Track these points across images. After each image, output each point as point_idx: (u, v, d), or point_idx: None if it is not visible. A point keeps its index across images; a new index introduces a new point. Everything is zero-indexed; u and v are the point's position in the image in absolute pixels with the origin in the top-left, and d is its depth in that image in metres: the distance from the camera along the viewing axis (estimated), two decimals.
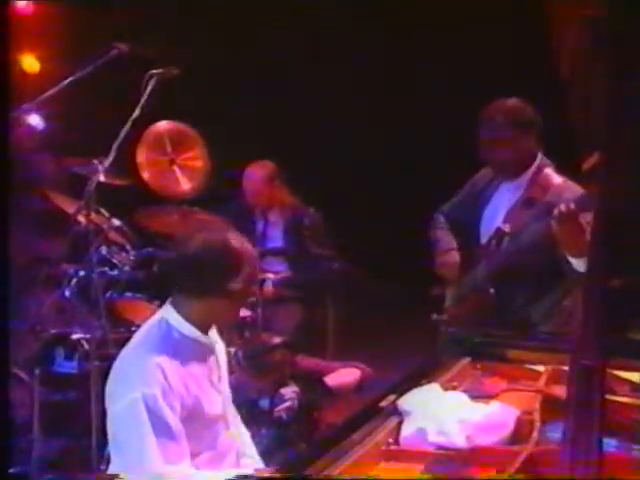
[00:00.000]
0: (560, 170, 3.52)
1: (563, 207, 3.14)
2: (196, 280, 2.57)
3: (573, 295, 3.49)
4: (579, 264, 3.23)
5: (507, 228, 3.52)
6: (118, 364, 2.61)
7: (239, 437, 2.77)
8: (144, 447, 2.43)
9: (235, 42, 6.84)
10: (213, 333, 2.72)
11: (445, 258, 3.78)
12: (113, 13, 6.25)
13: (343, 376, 4.82)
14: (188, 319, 2.58)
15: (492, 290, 3.54)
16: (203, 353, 2.63)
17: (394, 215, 7.17)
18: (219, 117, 6.38)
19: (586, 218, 3.23)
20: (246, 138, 6.58)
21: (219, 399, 2.66)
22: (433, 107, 6.85)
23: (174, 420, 2.45)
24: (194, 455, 2.52)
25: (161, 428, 2.42)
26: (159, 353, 2.50)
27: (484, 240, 3.65)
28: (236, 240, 2.59)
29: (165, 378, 2.46)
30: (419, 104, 6.92)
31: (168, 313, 2.61)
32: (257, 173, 5.26)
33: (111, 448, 2.58)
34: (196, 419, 2.53)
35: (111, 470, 2.58)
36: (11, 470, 3.74)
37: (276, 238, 5.34)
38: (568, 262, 3.27)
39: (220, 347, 2.77)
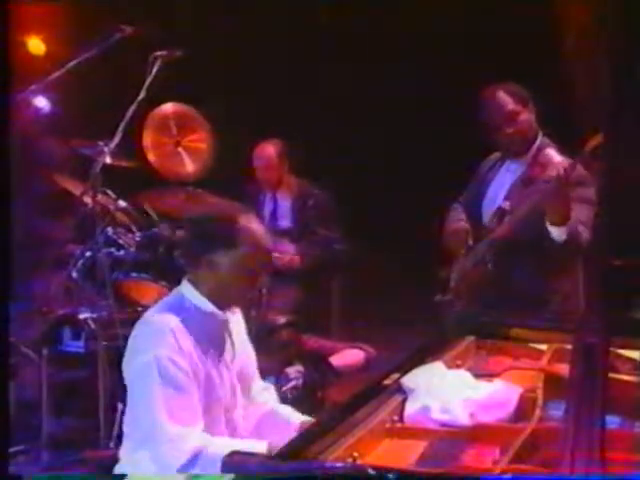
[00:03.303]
0: (562, 151, 3.54)
1: (555, 172, 3.21)
2: (194, 250, 2.62)
3: (571, 276, 3.53)
4: (557, 233, 3.29)
5: (507, 206, 3.57)
6: (134, 332, 2.63)
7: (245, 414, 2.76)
8: (153, 407, 2.46)
9: (238, 23, 6.83)
10: (234, 314, 2.73)
11: (452, 227, 3.81)
12: None
13: (348, 357, 4.85)
14: (204, 294, 2.61)
15: (490, 265, 3.58)
16: (218, 329, 2.65)
17: (399, 197, 7.17)
18: (222, 99, 6.39)
19: (582, 195, 3.32)
20: (248, 122, 6.58)
21: (228, 377, 2.65)
22: (431, 93, 6.85)
23: (185, 381, 2.47)
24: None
25: (171, 390, 2.45)
26: (172, 318, 2.53)
27: (486, 219, 3.70)
28: (235, 214, 2.60)
29: (177, 341, 2.49)
30: (416, 90, 6.93)
31: (184, 287, 2.65)
32: (269, 148, 5.34)
33: (126, 414, 2.62)
34: (204, 392, 2.54)
35: (124, 445, 2.62)
36: (11, 449, 3.79)
37: (284, 218, 5.38)
38: (548, 232, 3.32)
39: (240, 328, 2.78)
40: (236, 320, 2.77)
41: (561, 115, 3.78)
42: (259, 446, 2.45)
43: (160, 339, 2.50)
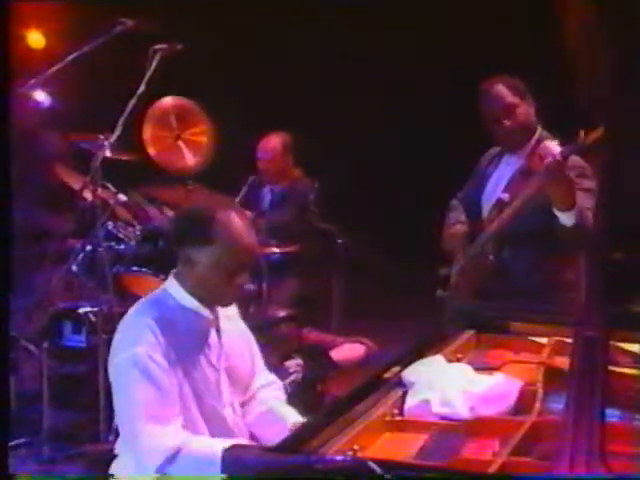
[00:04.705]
0: (561, 144, 3.54)
1: (551, 159, 3.22)
2: (174, 245, 2.61)
3: (574, 267, 3.53)
4: (566, 218, 3.29)
5: (506, 198, 3.57)
6: (117, 329, 2.62)
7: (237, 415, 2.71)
8: (132, 406, 2.46)
9: (238, 15, 6.83)
10: (226, 311, 2.70)
11: (450, 230, 3.83)
12: None
13: (348, 351, 4.85)
14: (187, 290, 2.59)
15: (491, 256, 3.58)
16: (201, 327, 2.61)
17: (400, 192, 7.18)
18: (222, 93, 6.38)
19: (583, 186, 3.30)
20: (248, 115, 6.58)
21: (213, 376, 2.61)
22: (431, 89, 6.85)
23: (164, 378, 2.45)
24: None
25: (150, 387, 2.43)
26: (151, 315, 2.52)
27: (486, 213, 3.70)
28: (214, 209, 2.55)
29: (155, 338, 2.47)
30: (417, 87, 6.93)
31: (169, 282, 2.64)
32: (274, 140, 5.36)
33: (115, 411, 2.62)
34: (182, 390, 2.52)
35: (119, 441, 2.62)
36: (11, 443, 3.80)
37: (283, 212, 5.37)
38: (556, 217, 3.32)
39: (233, 325, 2.75)
40: (228, 316, 2.72)
41: (561, 109, 3.77)
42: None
43: (139, 336, 2.48)
